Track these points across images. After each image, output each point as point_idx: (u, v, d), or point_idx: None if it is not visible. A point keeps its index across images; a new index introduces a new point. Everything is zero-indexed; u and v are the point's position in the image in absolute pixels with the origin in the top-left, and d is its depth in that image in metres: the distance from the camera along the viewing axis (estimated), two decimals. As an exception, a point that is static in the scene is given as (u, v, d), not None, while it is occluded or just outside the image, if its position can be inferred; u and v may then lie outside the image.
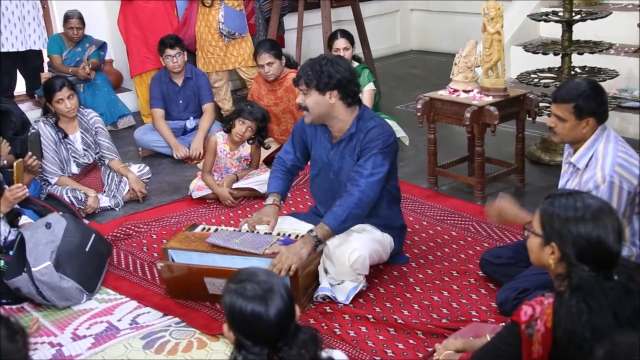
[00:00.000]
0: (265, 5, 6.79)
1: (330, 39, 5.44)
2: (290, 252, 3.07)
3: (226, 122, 4.78)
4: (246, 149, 4.66)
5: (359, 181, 3.20)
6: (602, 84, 4.41)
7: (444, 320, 3.07)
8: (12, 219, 3.65)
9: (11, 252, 3.47)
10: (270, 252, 3.15)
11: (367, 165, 3.22)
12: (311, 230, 3.19)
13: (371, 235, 3.36)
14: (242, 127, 4.53)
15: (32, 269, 3.30)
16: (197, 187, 4.60)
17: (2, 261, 3.46)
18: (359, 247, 3.23)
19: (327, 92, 3.23)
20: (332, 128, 3.37)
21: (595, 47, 4.75)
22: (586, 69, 4.90)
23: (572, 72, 4.80)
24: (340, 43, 5.29)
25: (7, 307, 3.39)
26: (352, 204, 3.17)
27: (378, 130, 3.28)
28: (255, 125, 4.54)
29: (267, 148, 4.82)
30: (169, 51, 5.38)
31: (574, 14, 4.71)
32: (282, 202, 3.53)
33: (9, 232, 3.62)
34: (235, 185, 4.57)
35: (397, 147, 3.42)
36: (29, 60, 6.31)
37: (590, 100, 2.99)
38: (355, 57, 5.47)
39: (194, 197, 4.61)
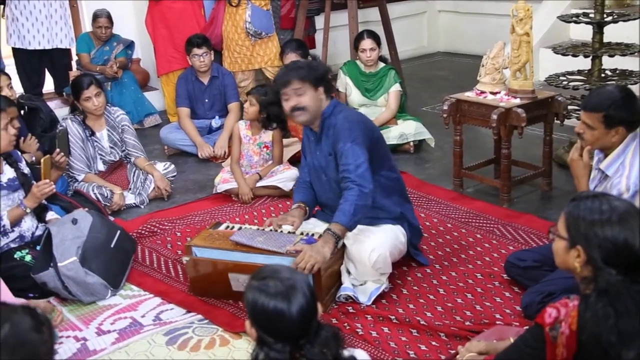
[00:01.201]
0: (310, 4, 6.77)
1: (357, 40, 5.45)
2: (314, 251, 3.08)
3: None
4: (267, 135, 4.70)
5: (350, 177, 3.22)
6: (634, 87, 4.38)
7: (467, 323, 3.06)
8: (39, 214, 3.71)
9: (38, 247, 3.53)
10: (293, 250, 3.17)
11: (348, 160, 3.23)
12: (328, 229, 3.20)
13: (386, 232, 3.37)
14: (246, 103, 4.68)
15: (58, 264, 3.35)
16: (223, 180, 4.65)
17: (29, 256, 3.52)
18: (377, 246, 3.24)
19: (319, 87, 3.32)
20: (314, 126, 3.43)
21: (627, 49, 4.69)
22: (617, 71, 4.84)
23: (603, 75, 4.75)
24: (367, 44, 5.30)
25: (33, 301, 3.44)
26: (355, 196, 3.18)
27: (343, 121, 3.31)
28: (256, 100, 4.60)
29: (286, 132, 4.83)
30: (196, 50, 5.43)
31: (605, 16, 4.66)
32: (308, 208, 3.54)
33: (36, 227, 3.68)
34: (258, 184, 4.60)
35: (371, 133, 3.40)
36: (56, 59, 6.40)
37: (621, 110, 2.94)
38: (381, 58, 5.47)
39: (218, 191, 4.65)
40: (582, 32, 5.67)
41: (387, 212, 3.44)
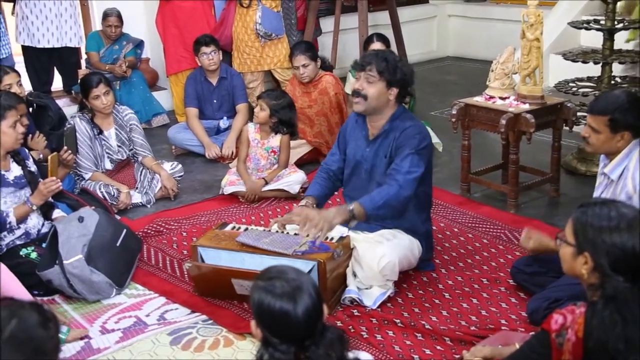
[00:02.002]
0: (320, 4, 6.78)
1: (366, 43, 5.45)
2: (322, 216, 3.08)
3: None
4: (276, 140, 4.71)
5: (397, 176, 3.22)
6: (643, 94, 4.37)
7: (472, 328, 3.06)
8: (45, 211, 3.72)
9: (44, 245, 3.55)
10: (300, 252, 3.17)
11: (404, 164, 3.24)
12: (348, 205, 3.20)
13: (401, 242, 3.36)
14: (257, 108, 4.68)
15: (64, 262, 3.36)
16: (229, 182, 4.65)
17: (35, 253, 3.54)
18: (388, 252, 3.23)
19: (392, 87, 3.29)
20: (373, 123, 3.41)
21: (637, 56, 4.68)
22: (627, 78, 4.84)
23: (613, 82, 4.74)
24: (376, 46, 5.29)
25: (38, 298, 3.45)
26: (391, 194, 3.18)
27: (414, 129, 3.32)
28: (267, 105, 4.59)
29: (294, 134, 4.83)
30: (205, 49, 5.45)
31: (616, 23, 4.66)
32: (316, 206, 3.51)
33: (43, 224, 3.70)
34: (264, 189, 4.61)
35: (432, 151, 3.44)
36: (65, 57, 6.42)
37: (627, 115, 2.95)
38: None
39: (225, 193, 4.65)
40: (593, 39, 5.67)
41: (413, 227, 3.44)
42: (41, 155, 4.36)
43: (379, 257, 3.21)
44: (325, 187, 3.58)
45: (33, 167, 3.72)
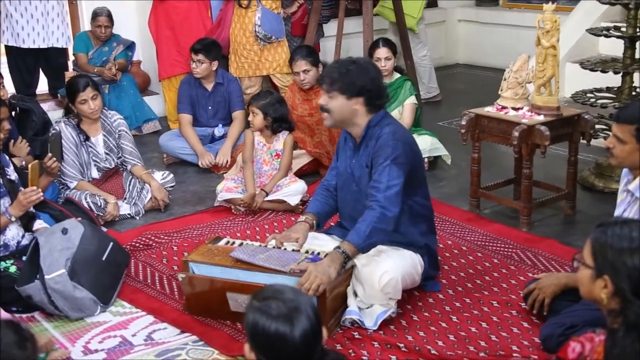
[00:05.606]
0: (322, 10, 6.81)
1: (372, 48, 5.45)
2: (319, 270, 3.06)
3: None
4: (280, 143, 4.72)
5: (377, 196, 3.21)
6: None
7: (481, 354, 3.03)
8: (26, 222, 3.70)
9: (24, 258, 3.52)
10: (298, 270, 3.15)
11: (382, 179, 3.23)
12: (338, 247, 3.19)
13: (402, 257, 3.34)
14: (250, 116, 4.72)
15: (45, 277, 3.33)
16: (226, 189, 4.64)
17: (14, 267, 3.51)
18: (389, 269, 3.22)
19: (352, 97, 3.31)
20: (352, 134, 3.44)
21: (660, 66, 4.68)
22: (649, 90, 4.83)
23: (634, 93, 4.74)
24: (382, 52, 5.30)
25: (17, 315, 3.43)
26: (375, 218, 3.18)
27: (388, 137, 3.30)
28: (258, 109, 4.63)
29: (292, 130, 4.83)
30: (192, 55, 5.48)
31: (638, 30, 4.66)
32: (316, 222, 3.50)
33: (23, 236, 3.67)
34: (265, 199, 4.59)
35: (414, 157, 3.40)
36: (51, 58, 6.43)
37: None
38: (397, 69, 5.47)
39: (219, 199, 4.64)
40: (613, 47, 5.67)
41: (410, 241, 3.42)
42: (23, 162, 4.36)
43: (381, 274, 3.19)
44: (326, 204, 3.58)
45: (13, 175, 3.70)
